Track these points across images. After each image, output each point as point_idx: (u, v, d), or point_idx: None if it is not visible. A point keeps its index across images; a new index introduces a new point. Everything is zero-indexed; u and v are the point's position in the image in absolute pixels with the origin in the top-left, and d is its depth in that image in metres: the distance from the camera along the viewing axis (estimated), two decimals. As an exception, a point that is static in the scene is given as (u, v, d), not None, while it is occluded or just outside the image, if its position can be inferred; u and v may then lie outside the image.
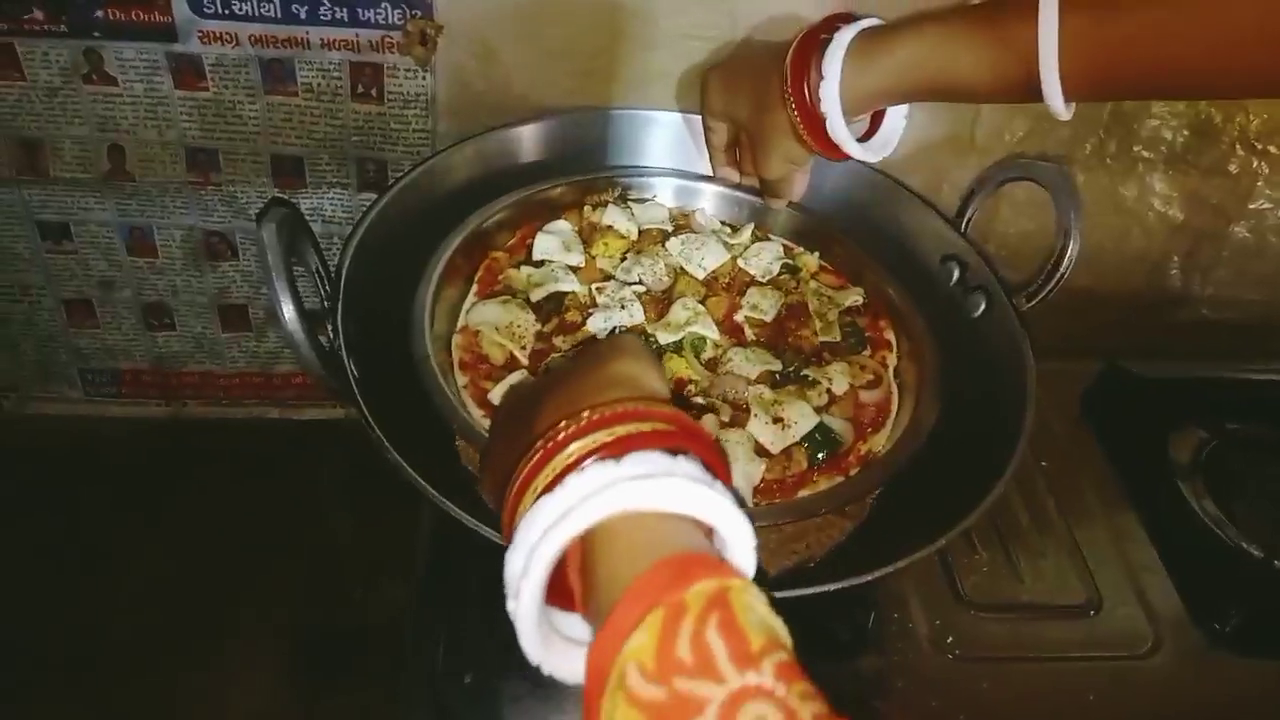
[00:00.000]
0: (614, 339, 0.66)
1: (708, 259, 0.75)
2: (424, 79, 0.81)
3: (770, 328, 0.72)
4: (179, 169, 0.86)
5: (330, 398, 0.98)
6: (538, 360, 0.67)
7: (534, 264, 0.73)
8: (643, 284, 0.73)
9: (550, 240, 0.74)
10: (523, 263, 0.73)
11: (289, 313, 0.55)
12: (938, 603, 0.72)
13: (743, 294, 0.73)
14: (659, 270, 0.74)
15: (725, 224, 0.80)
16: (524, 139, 0.79)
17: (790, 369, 0.68)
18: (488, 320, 0.68)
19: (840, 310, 0.73)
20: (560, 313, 0.69)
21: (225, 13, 0.76)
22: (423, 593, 0.70)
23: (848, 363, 0.69)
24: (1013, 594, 0.74)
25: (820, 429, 0.64)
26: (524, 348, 0.67)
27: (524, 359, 0.67)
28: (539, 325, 0.69)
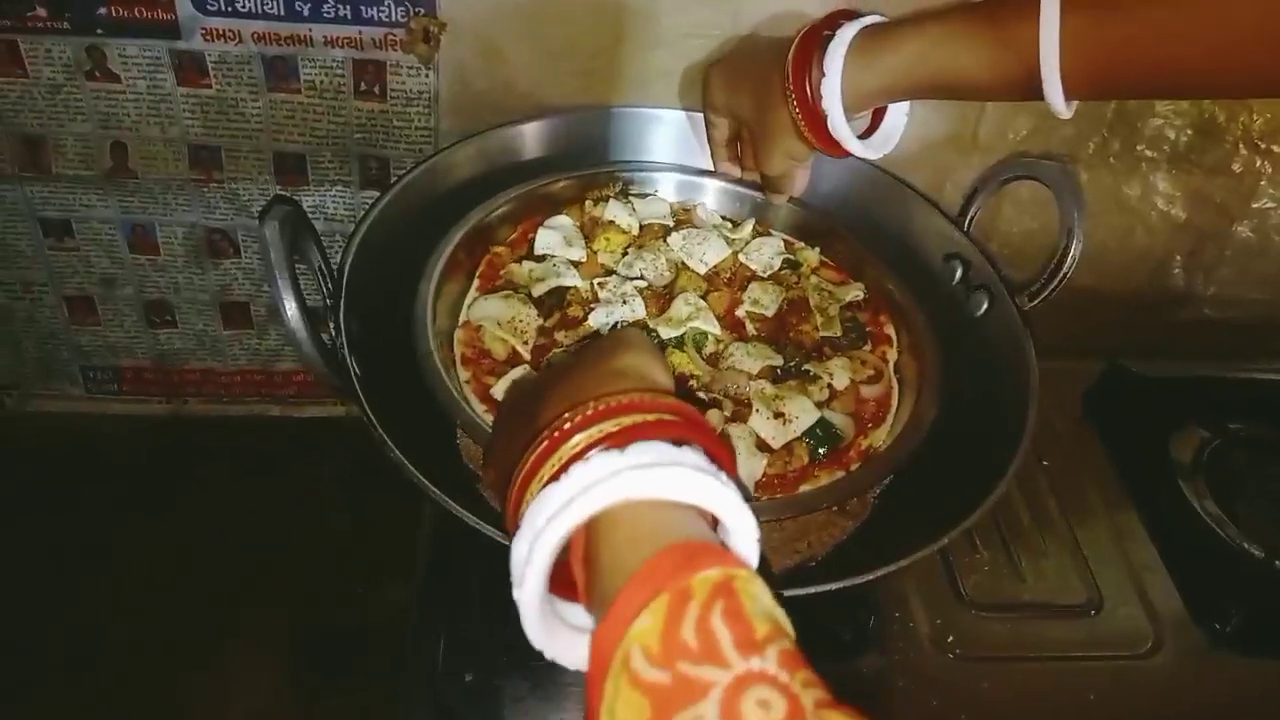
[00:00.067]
0: (617, 333, 0.66)
1: (709, 254, 0.75)
2: (427, 77, 0.81)
3: (771, 323, 0.72)
4: (181, 166, 0.86)
5: (332, 395, 0.99)
6: (540, 355, 0.67)
7: (535, 259, 0.73)
8: (644, 279, 0.73)
9: (552, 235, 0.74)
10: (524, 258, 0.74)
11: (291, 310, 0.55)
12: (939, 602, 0.72)
13: (744, 289, 0.73)
14: (660, 265, 0.74)
15: (726, 219, 0.80)
16: (526, 137, 0.79)
17: (791, 364, 0.68)
18: (490, 315, 0.68)
19: (841, 305, 0.73)
20: (562, 308, 0.69)
21: (228, 10, 0.76)
22: (423, 592, 0.69)
23: (848, 358, 0.69)
24: (1014, 593, 0.74)
25: (821, 424, 0.64)
26: (526, 343, 0.67)
27: (526, 354, 0.67)
28: (541, 320, 0.69)
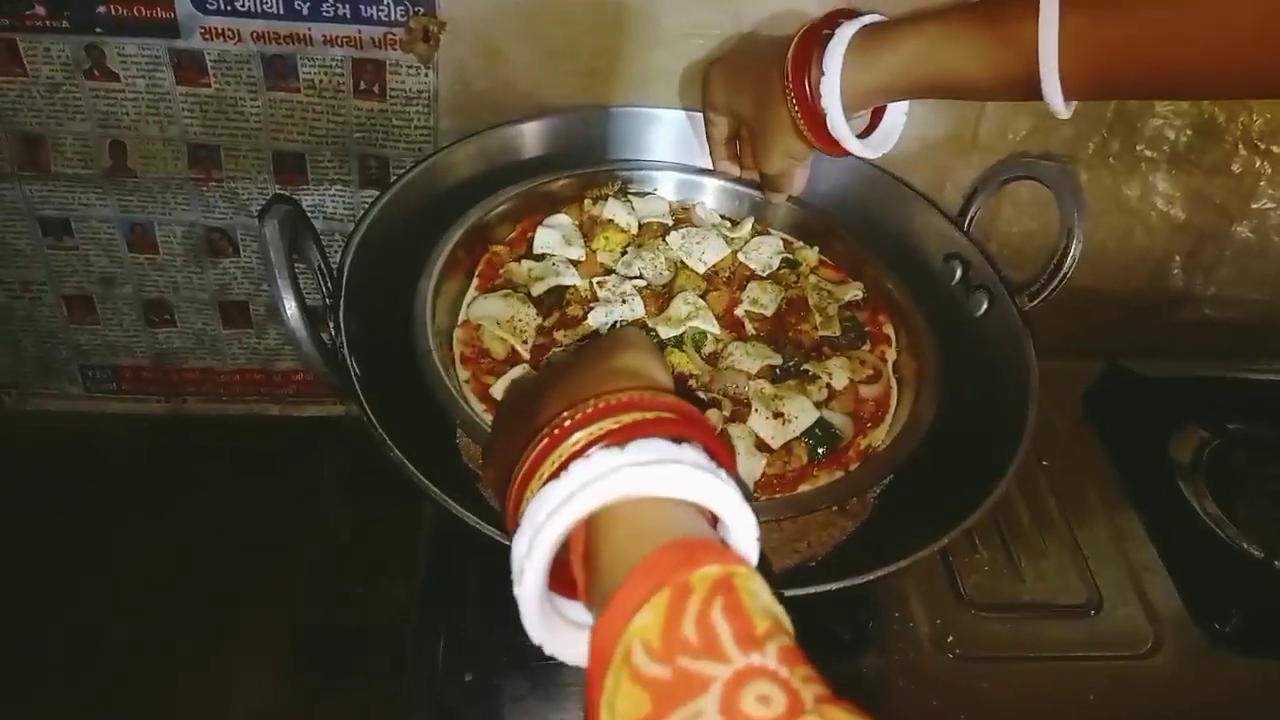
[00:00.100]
0: (616, 332, 0.66)
1: (708, 253, 0.75)
2: (426, 76, 0.81)
3: (770, 322, 0.72)
4: (180, 165, 0.86)
5: (331, 395, 0.99)
6: (539, 354, 0.67)
7: (535, 258, 0.73)
8: (643, 278, 0.72)
9: (551, 234, 0.74)
10: (523, 256, 0.73)
11: (291, 309, 0.55)
12: (939, 602, 0.72)
13: (743, 288, 0.73)
14: (659, 264, 0.74)
15: (725, 218, 0.80)
16: (526, 136, 0.79)
17: (790, 363, 0.68)
18: (489, 314, 0.68)
19: (840, 305, 0.73)
20: (561, 307, 0.69)
21: (228, 9, 0.76)
22: (423, 592, 0.69)
23: (847, 357, 0.69)
24: (1014, 593, 0.73)
25: (820, 424, 0.64)
26: (525, 342, 0.67)
27: (525, 353, 0.67)
28: (540, 319, 0.69)
